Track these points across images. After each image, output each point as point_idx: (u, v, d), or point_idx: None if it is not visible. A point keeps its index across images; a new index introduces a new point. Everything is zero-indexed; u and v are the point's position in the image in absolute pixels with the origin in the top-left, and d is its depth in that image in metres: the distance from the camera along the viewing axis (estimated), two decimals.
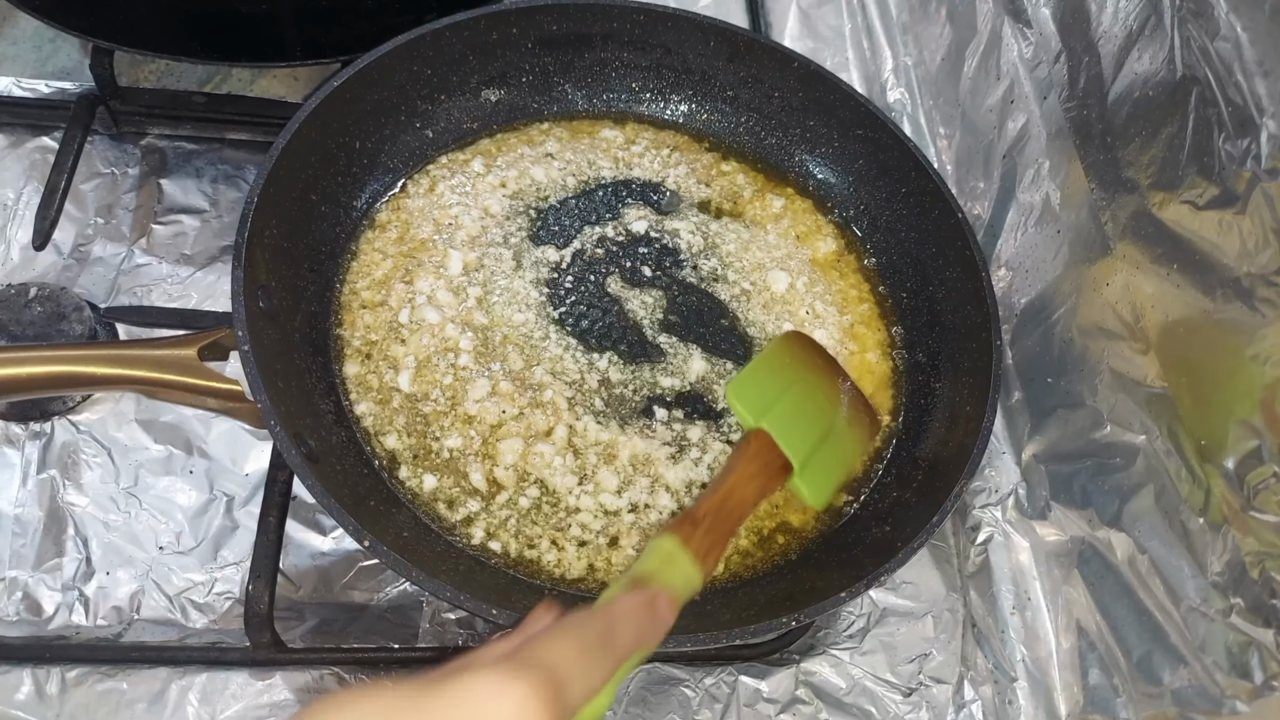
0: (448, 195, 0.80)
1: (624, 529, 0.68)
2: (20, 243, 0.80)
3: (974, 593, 0.76)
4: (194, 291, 0.81)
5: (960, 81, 0.89)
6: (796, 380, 0.65)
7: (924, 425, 0.75)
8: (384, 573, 0.72)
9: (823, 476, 0.63)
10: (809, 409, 0.64)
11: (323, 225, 0.74)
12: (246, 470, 0.74)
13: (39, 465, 0.72)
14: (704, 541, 0.51)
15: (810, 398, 0.65)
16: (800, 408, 0.64)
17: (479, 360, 0.72)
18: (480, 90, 0.84)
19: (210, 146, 0.88)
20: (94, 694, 0.64)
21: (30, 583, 0.68)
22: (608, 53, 0.86)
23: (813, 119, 0.86)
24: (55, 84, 0.85)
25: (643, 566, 0.49)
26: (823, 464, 0.63)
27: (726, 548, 0.54)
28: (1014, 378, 0.79)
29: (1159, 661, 0.60)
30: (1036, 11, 0.77)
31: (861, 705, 0.71)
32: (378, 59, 0.75)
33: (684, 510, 0.64)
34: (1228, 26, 0.56)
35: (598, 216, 0.82)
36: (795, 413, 0.63)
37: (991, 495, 0.78)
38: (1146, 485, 0.63)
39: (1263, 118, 0.53)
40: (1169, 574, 0.60)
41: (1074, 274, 0.72)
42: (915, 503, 0.68)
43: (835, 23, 1.07)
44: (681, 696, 0.69)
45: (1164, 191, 0.62)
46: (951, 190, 0.80)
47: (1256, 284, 0.54)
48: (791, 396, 0.64)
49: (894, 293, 0.83)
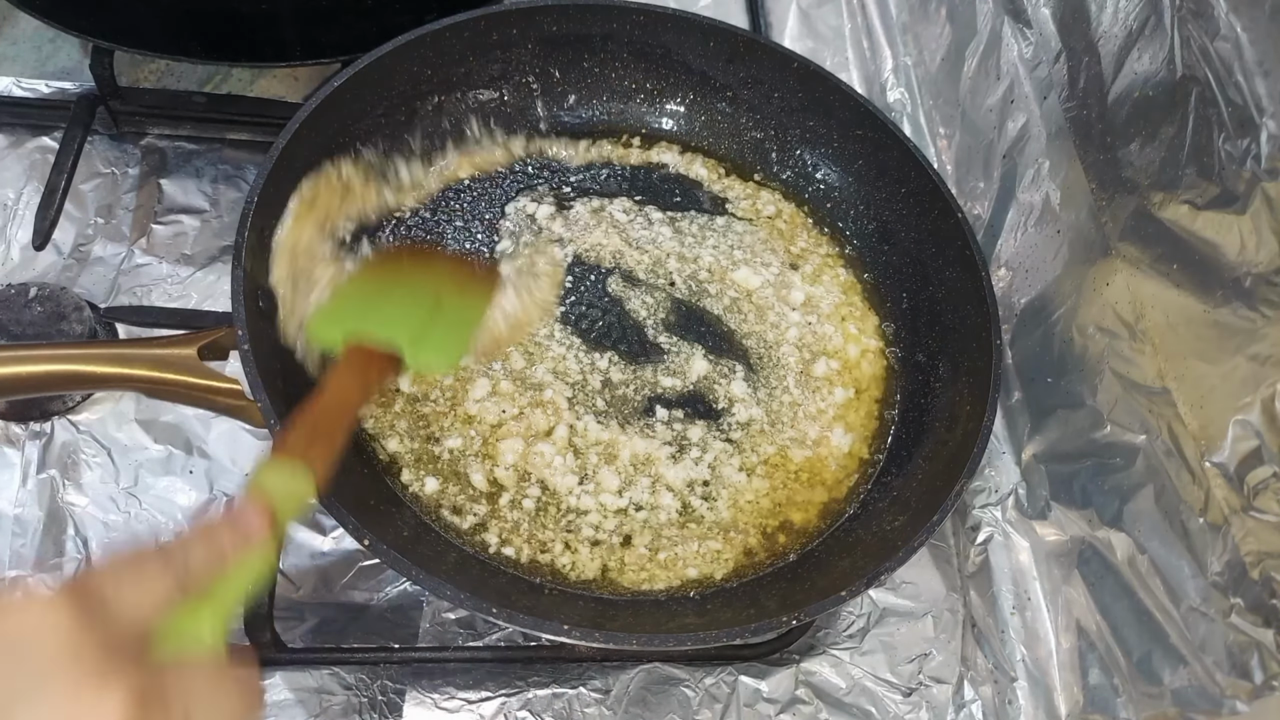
0: None
1: (636, 528, 0.68)
2: (20, 243, 0.80)
3: (974, 593, 0.76)
4: (194, 291, 0.81)
5: (960, 81, 0.89)
6: (375, 284, 0.67)
7: (924, 425, 0.75)
8: (384, 573, 0.72)
9: (446, 343, 0.64)
10: (402, 296, 0.65)
11: None
12: (246, 470, 0.74)
13: (39, 465, 0.72)
14: (301, 444, 0.52)
15: (400, 291, 0.66)
16: (392, 299, 0.65)
17: (479, 359, 0.72)
18: (480, 91, 0.84)
19: (210, 146, 0.88)
20: None
21: (30, 583, 0.68)
22: (608, 53, 0.86)
23: (813, 119, 0.86)
24: (55, 84, 0.85)
25: (250, 486, 0.50)
26: (441, 334, 0.64)
27: (333, 446, 0.54)
28: (1014, 378, 0.79)
29: (1159, 661, 0.60)
30: (1036, 11, 0.77)
31: (861, 705, 0.71)
32: (378, 59, 0.75)
33: None
34: (1228, 26, 0.56)
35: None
36: (386, 306, 0.64)
37: (991, 495, 0.78)
38: (1146, 485, 0.63)
39: (1263, 118, 0.53)
40: (1169, 574, 0.60)
41: (1074, 274, 0.72)
42: (915, 503, 0.68)
43: (835, 23, 1.07)
44: (681, 696, 0.69)
45: (1164, 191, 0.62)
46: (951, 190, 0.80)
47: (1256, 284, 0.54)
48: (382, 297, 0.65)
49: (894, 293, 0.83)
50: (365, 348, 0.60)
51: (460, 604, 0.56)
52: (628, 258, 0.80)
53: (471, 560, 0.65)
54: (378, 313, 0.63)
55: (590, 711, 0.68)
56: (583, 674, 0.69)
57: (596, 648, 0.68)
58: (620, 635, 0.58)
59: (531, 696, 0.68)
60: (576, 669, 0.69)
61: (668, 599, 0.66)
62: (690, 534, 0.69)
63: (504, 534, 0.66)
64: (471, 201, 0.81)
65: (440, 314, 0.65)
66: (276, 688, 0.66)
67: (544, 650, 0.70)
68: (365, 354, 0.60)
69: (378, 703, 0.67)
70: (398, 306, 0.64)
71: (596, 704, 0.68)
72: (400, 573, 0.56)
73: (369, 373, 0.60)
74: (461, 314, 0.67)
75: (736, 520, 0.70)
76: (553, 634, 0.56)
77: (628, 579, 0.66)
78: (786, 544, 0.70)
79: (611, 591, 0.66)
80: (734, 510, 0.70)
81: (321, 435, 0.54)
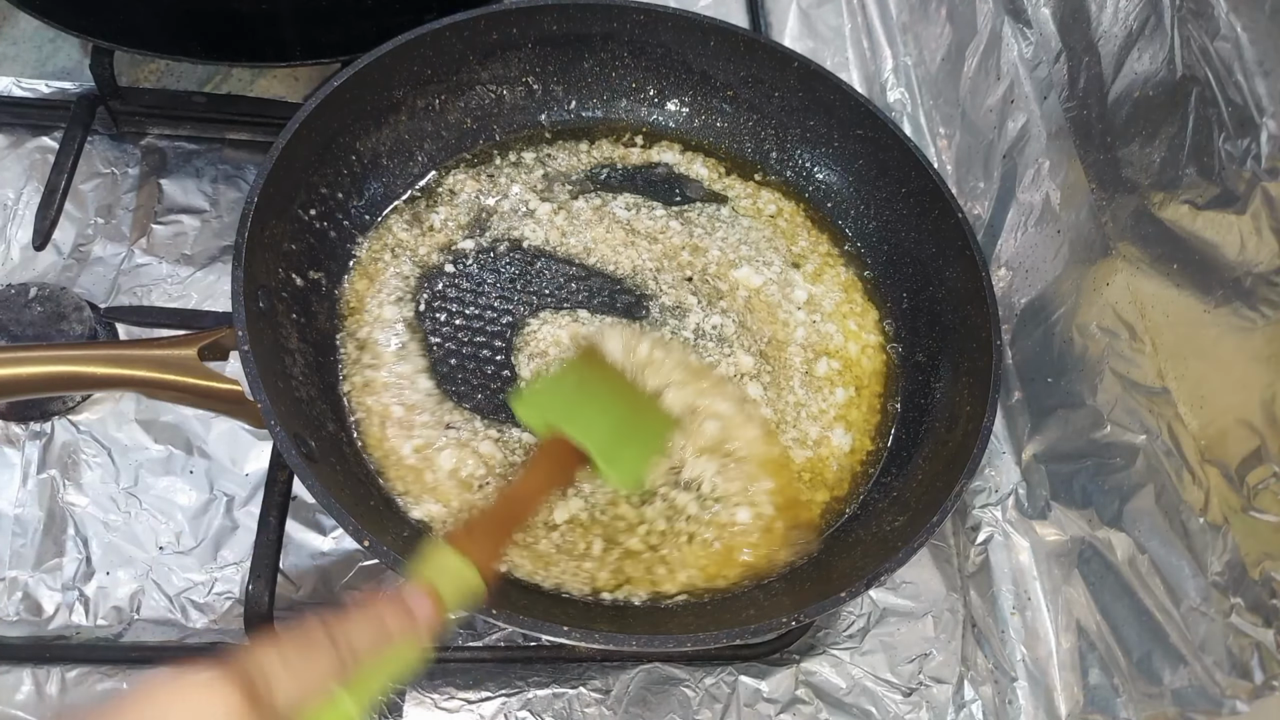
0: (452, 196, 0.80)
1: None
2: (20, 243, 0.80)
3: (974, 593, 0.76)
4: (194, 291, 0.81)
5: (960, 81, 0.89)
6: (587, 381, 0.67)
7: (924, 425, 0.75)
8: (384, 573, 0.72)
9: (628, 459, 0.64)
10: (602, 402, 0.66)
11: (324, 225, 0.74)
12: (246, 470, 0.74)
13: (39, 465, 0.72)
14: (478, 545, 0.53)
15: (604, 393, 0.67)
16: (592, 403, 0.65)
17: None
18: (480, 91, 0.84)
19: (210, 146, 0.88)
20: (94, 694, 0.64)
21: (30, 583, 0.68)
22: (608, 52, 0.86)
23: (813, 119, 0.86)
24: (55, 84, 0.85)
25: (417, 573, 0.51)
26: (627, 448, 0.64)
27: (505, 546, 0.56)
28: (1014, 378, 0.79)
29: (1159, 661, 0.60)
30: (1036, 11, 0.77)
31: (861, 705, 0.71)
32: (378, 59, 0.75)
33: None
34: (1228, 26, 0.56)
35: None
36: (587, 408, 0.64)
37: (991, 495, 0.78)
38: (1146, 485, 0.63)
39: (1263, 118, 0.53)
40: (1169, 574, 0.60)
41: (1074, 274, 0.72)
42: (915, 503, 0.68)
43: (835, 23, 1.07)
44: (681, 696, 0.69)
45: (1164, 191, 0.62)
46: (951, 190, 0.80)
47: (1256, 284, 0.54)
48: (583, 397, 0.65)
49: (894, 292, 0.83)
50: (565, 443, 0.60)
51: None
52: (640, 249, 0.80)
53: None
54: (581, 411, 0.63)
55: (590, 711, 0.68)
56: (583, 674, 0.69)
57: (596, 648, 0.68)
58: (620, 635, 0.58)
59: (531, 696, 0.68)
60: (576, 669, 0.69)
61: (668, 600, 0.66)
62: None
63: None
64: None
65: (630, 426, 0.65)
66: None
67: (544, 650, 0.70)
68: (564, 449, 0.60)
69: (377, 702, 0.67)
70: (600, 409, 0.65)
71: (596, 704, 0.68)
72: (400, 573, 0.56)
73: (562, 469, 0.60)
74: (650, 429, 0.67)
75: None
76: (553, 634, 0.56)
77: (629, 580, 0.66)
78: None
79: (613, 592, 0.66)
80: None
81: (498, 528, 0.55)
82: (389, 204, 0.79)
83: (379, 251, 0.77)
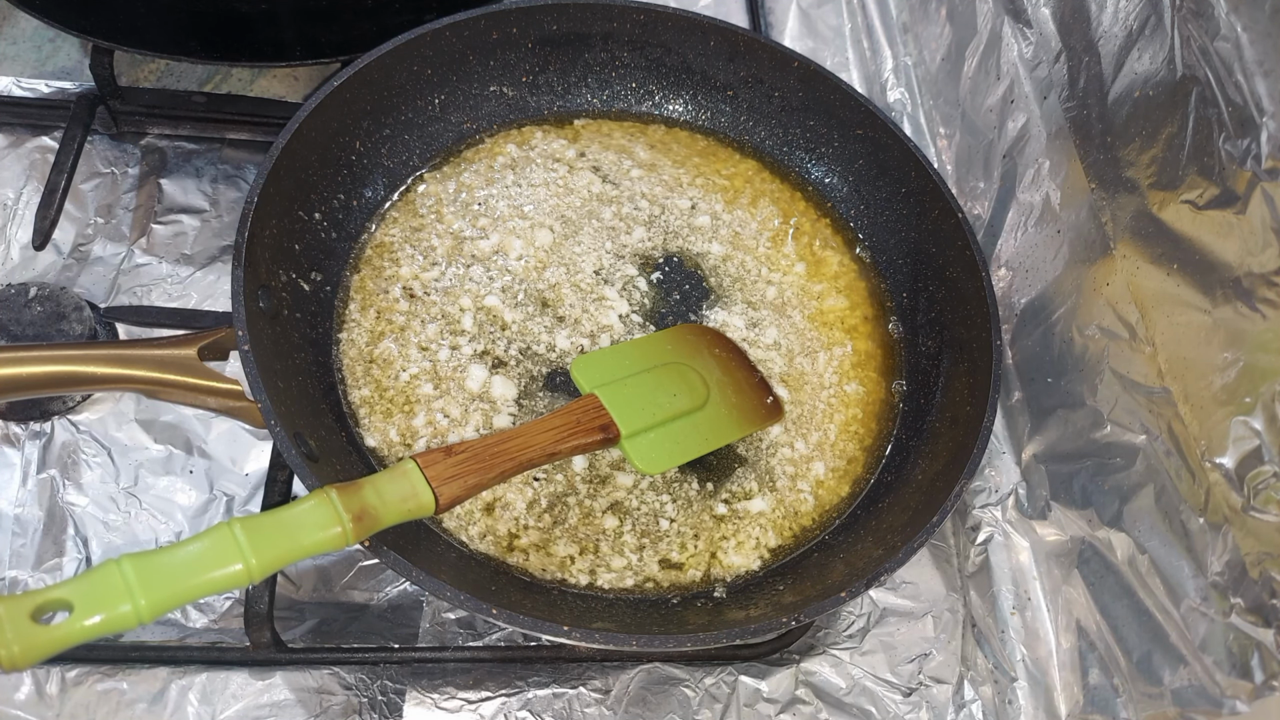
0: (452, 197, 0.80)
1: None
2: (20, 243, 0.80)
3: (974, 593, 0.76)
4: (194, 291, 0.81)
5: (960, 81, 0.89)
6: (658, 364, 0.68)
7: (924, 425, 0.75)
8: (384, 573, 0.72)
9: (662, 449, 0.65)
10: (665, 388, 0.66)
11: (324, 225, 0.74)
12: (246, 470, 0.74)
13: (39, 465, 0.72)
14: (449, 470, 0.53)
15: (671, 379, 0.67)
16: (653, 386, 0.66)
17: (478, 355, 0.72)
18: (480, 90, 0.84)
19: (210, 146, 0.88)
20: (94, 694, 0.64)
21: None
22: (608, 52, 0.86)
23: (813, 119, 0.86)
24: (55, 84, 0.85)
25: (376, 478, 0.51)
26: (667, 439, 0.65)
27: (480, 482, 0.55)
28: (1014, 378, 0.79)
29: (1159, 661, 0.60)
30: (1036, 11, 0.77)
31: (861, 705, 0.71)
32: (378, 59, 0.75)
33: None
34: (1228, 26, 0.56)
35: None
36: (642, 390, 0.64)
37: (991, 495, 0.78)
38: (1146, 485, 0.63)
39: (1263, 118, 0.53)
40: (1169, 574, 0.60)
41: (1074, 274, 0.72)
42: (915, 503, 0.68)
43: (835, 23, 1.07)
44: (681, 696, 0.69)
45: (1164, 191, 0.62)
46: (951, 190, 0.80)
47: (1256, 284, 0.54)
48: (644, 376, 0.66)
49: (894, 292, 0.83)
50: (600, 409, 0.60)
51: (460, 604, 0.56)
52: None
53: (471, 560, 0.65)
54: (635, 393, 0.63)
55: (590, 711, 0.68)
56: (583, 674, 0.69)
57: (596, 648, 0.68)
58: (620, 635, 0.58)
59: (531, 696, 0.68)
60: (576, 669, 0.69)
61: (668, 599, 0.66)
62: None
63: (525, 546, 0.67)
64: None
65: (687, 420, 0.66)
66: (276, 688, 0.66)
67: (544, 650, 0.70)
68: (596, 413, 0.60)
69: (377, 703, 0.67)
70: (657, 396, 0.65)
71: (596, 704, 0.68)
72: (400, 573, 0.56)
73: (585, 432, 0.60)
74: (708, 431, 0.67)
75: None
76: (553, 634, 0.56)
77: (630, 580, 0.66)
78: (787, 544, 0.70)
79: (612, 591, 0.66)
80: None
81: (476, 469, 0.54)
82: (389, 203, 0.79)
83: (379, 251, 0.77)
